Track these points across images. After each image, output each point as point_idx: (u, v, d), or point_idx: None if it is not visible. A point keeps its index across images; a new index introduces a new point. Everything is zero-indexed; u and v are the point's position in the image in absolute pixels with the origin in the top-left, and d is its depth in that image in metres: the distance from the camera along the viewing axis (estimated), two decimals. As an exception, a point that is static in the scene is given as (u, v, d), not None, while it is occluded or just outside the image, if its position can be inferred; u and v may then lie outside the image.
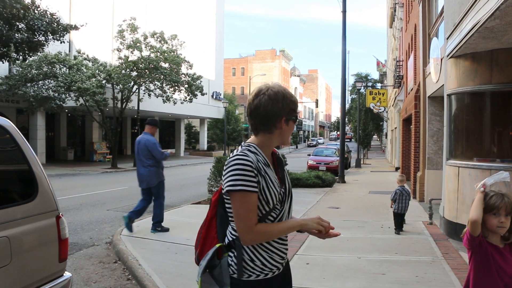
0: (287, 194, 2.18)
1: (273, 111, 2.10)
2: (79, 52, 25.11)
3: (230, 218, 2.15)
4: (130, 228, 7.65)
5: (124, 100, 26.17)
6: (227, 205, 2.13)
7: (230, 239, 2.12)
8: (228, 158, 2.10)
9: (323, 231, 2.15)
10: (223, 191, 2.09)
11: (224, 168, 2.08)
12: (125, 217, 7.68)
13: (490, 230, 2.54)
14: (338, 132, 69.10)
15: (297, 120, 2.20)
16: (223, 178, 2.07)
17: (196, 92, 28.09)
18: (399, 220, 8.23)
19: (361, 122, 34.52)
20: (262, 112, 2.10)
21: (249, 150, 2.10)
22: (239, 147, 2.16)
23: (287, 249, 2.23)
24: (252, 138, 2.20)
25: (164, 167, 8.19)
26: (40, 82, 23.34)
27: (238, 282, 2.08)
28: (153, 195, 8.00)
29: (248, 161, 2.01)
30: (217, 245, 2.14)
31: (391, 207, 8.40)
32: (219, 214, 2.21)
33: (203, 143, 48.06)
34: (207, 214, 2.25)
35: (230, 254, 2.11)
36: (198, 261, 2.23)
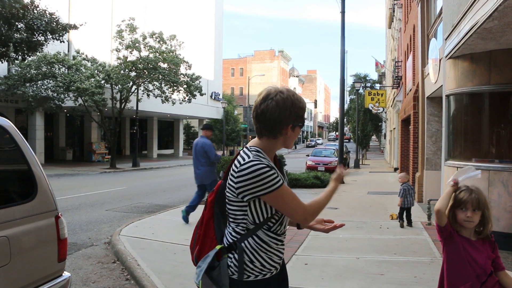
0: None
1: (279, 119, 2.07)
2: (78, 52, 25.09)
3: (230, 219, 2.16)
4: (186, 220, 8.55)
5: (123, 100, 26.16)
6: (229, 207, 2.14)
7: (231, 240, 2.13)
8: (240, 165, 2.04)
9: (342, 174, 2.37)
10: (260, 197, 2.04)
11: (240, 175, 2.02)
12: (183, 211, 8.65)
13: (459, 224, 2.65)
14: (337, 133, 69.16)
15: (303, 123, 2.19)
16: (240, 186, 2.03)
17: (194, 93, 28.07)
18: (407, 214, 8.81)
19: (360, 122, 34.54)
20: (268, 118, 2.08)
21: (259, 156, 2.08)
22: (247, 151, 2.11)
23: (284, 249, 2.24)
24: (255, 140, 2.18)
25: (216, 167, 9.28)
26: (39, 82, 23.32)
27: (237, 283, 2.09)
28: (207, 191, 8.70)
29: (266, 164, 2.01)
30: (218, 247, 2.14)
31: (399, 205, 8.88)
32: (216, 215, 2.23)
33: (202, 143, 47.94)
34: (203, 214, 2.26)
35: (230, 255, 2.11)
36: (196, 262, 2.22)
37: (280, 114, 2.07)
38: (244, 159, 2.05)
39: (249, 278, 2.09)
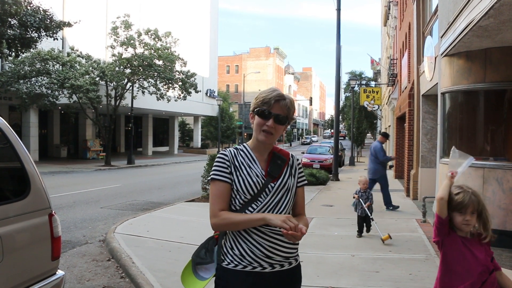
0: (276, 189, 2.20)
1: None
2: (72, 49, 24.95)
3: None
4: (396, 207, 10.61)
5: (118, 98, 26.05)
6: None
7: None
8: None
9: (287, 229, 1.97)
10: None
11: None
12: (389, 208, 10.58)
13: (456, 227, 2.57)
14: (332, 130, 69.32)
15: (262, 112, 2.19)
16: None
17: (190, 90, 27.99)
18: (366, 223, 7.80)
19: (355, 120, 34.57)
20: None
21: (236, 148, 2.30)
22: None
23: (278, 251, 2.18)
24: None
25: (385, 167, 11.33)
26: (33, 79, 23.18)
27: (219, 267, 2.21)
28: (380, 185, 10.78)
29: (223, 155, 2.25)
30: (213, 235, 2.33)
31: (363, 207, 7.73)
32: None
33: (197, 140, 47.98)
34: None
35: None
36: None
37: None
38: None
39: (229, 266, 2.16)
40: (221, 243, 2.23)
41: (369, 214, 7.68)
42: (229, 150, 2.28)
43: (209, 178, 2.24)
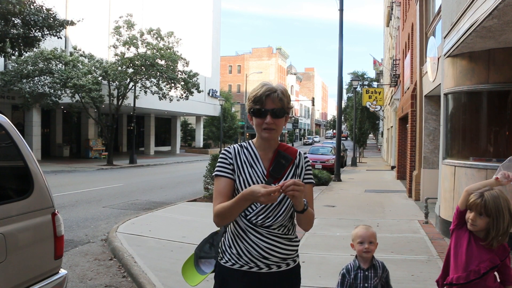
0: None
1: None
2: (75, 49, 25.00)
3: None
4: None
5: (120, 97, 26.06)
6: None
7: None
8: None
9: (270, 198, 1.88)
10: None
11: None
12: None
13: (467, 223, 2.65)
14: (334, 131, 69.31)
15: (258, 111, 2.14)
16: None
17: (192, 90, 28.00)
18: None
19: (357, 120, 34.54)
20: None
21: (240, 145, 2.28)
22: None
23: (275, 252, 2.16)
24: None
25: None
26: (36, 78, 23.24)
27: (217, 264, 2.26)
28: None
29: (227, 151, 2.24)
30: (217, 230, 2.35)
31: None
32: None
33: (199, 140, 48.00)
34: None
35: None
36: None
37: None
38: None
39: (227, 264, 2.19)
40: (220, 241, 2.25)
41: None
42: (233, 146, 2.26)
43: (214, 173, 2.21)
